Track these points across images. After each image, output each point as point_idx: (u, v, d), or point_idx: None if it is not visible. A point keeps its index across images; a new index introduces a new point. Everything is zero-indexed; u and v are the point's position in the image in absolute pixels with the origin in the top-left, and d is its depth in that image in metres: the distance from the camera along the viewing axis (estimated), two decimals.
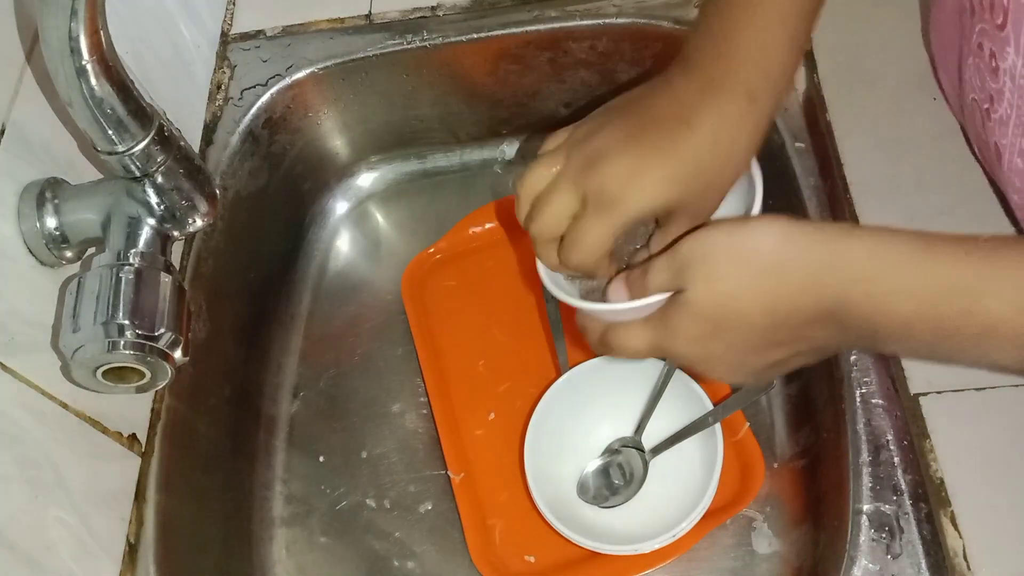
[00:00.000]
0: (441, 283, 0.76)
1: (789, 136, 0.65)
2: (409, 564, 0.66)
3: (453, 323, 0.74)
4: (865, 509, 0.51)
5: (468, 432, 0.69)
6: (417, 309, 0.74)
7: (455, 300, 0.75)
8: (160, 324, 0.47)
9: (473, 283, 0.76)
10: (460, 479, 0.67)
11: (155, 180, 0.49)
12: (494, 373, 0.72)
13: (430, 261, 0.77)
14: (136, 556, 0.54)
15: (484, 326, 0.74)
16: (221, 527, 0.65)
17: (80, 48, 0.42)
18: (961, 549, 0.48)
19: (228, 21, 0.76)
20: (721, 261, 0.37)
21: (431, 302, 0.75)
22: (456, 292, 0.76)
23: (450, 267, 0.77)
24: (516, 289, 0.75)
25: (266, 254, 0.76)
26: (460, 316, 0.75)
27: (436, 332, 0.74)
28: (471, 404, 0.71)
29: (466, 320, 0.74)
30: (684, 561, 0.63)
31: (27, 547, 0.46)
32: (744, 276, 0.37)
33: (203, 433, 0.64)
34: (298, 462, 0.71)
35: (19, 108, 0.50)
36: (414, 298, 0.75)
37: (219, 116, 0.71)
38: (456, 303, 0.75)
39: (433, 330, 0.74)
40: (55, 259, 0.51)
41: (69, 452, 0.50)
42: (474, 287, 0.76)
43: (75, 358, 0.46)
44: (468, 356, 0.73)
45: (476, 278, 0.76)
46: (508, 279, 0.76)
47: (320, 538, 0.68)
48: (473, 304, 0.75)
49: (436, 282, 0.76)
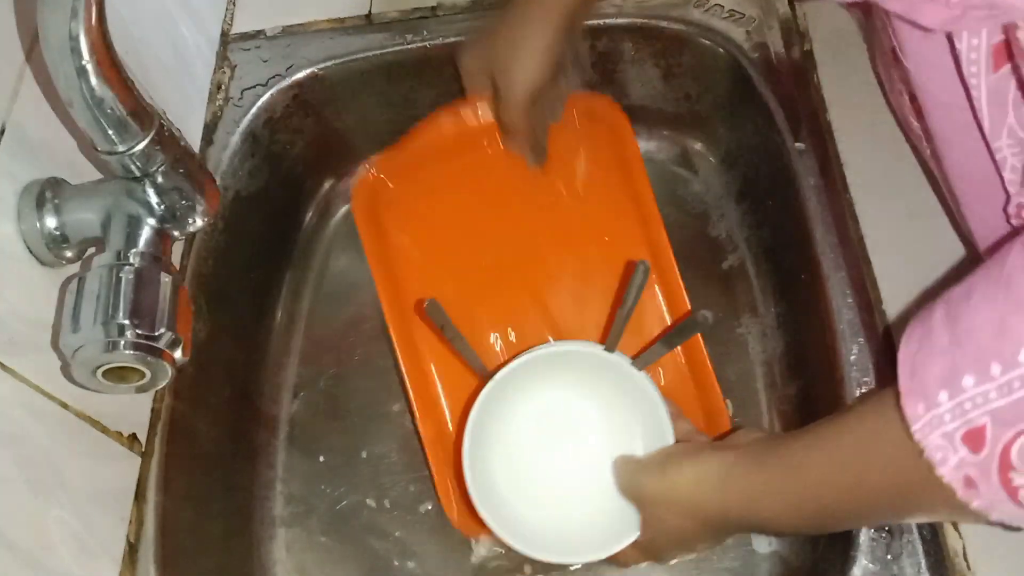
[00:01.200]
0: (400, 197, 0.70)
1: (789, 136, 0.65)
2: (409, 564, 0.66)
3: (414, 241, 0.70)
4: None
5: (433, 369, 0.67)
6: (371, 231, 0.68)
7: (415, 215, 0.70)
8: (160, 324, 0.47)
9: (433, 195, 0.70)
10: (427, 426, 0.64)
11: (155, 180, 0.49)
12: (465, 297, 0.67)
13: (389, 171, 0.70)
14: (136, 556, 0.54)
15: (449, 244, 0.70)
16: (221, 527, 0.65)
17: (80, 48, 0.42)
18: (961, 549, 0.48)
19: (228, 21, 0.76)
20: (664, 507, 0.54)
21: (387, 219, 0.70)
22: (414, 206, 0.70)
23: (408, 178, 0.70)
24: (479, 202, 0.70)
25: (266, 254, 0.76)
26: (422, 231, 0.70)
27: (393, 255, 0.69)
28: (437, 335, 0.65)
29: (429, 237, 0.70)
30: (685, 561, 0.63)
31: (27, 547, 0.46)
32: (677, 517, 0.53)
33: (203, 433, 0.64)
34: (298, 462, 0.71)
35: (19, 108, 0.50)
36: (368, 217, 0.69)
37: (219, 116, 0.71)
38: (416, 218, 0.70)
39: (390, 252, 0.69)
40: (55, 259, 0.51)
41: (69, 452, 0.50)
42: (435, 199, 0.70)
43: (75, 358, 0.46)
44: (434, 279, 0.68)
45: (435, 188, 0.70)
46: (471, 190, 0.71)
47: (320, 538, 0.68)
48: (436, 218, 0.70)
49: (393, 198, 0.70)
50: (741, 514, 0.50)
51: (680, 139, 0.80)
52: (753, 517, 0.50)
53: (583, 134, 0.70)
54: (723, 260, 0.75)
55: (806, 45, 0.68)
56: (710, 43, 0.71)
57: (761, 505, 0.49)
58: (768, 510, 0.48)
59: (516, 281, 0.70)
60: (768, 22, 0.70)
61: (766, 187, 0.71)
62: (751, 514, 0.49)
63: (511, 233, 0.70)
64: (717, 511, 0.51)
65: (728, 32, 0.70)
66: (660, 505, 0.54)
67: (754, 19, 0.71)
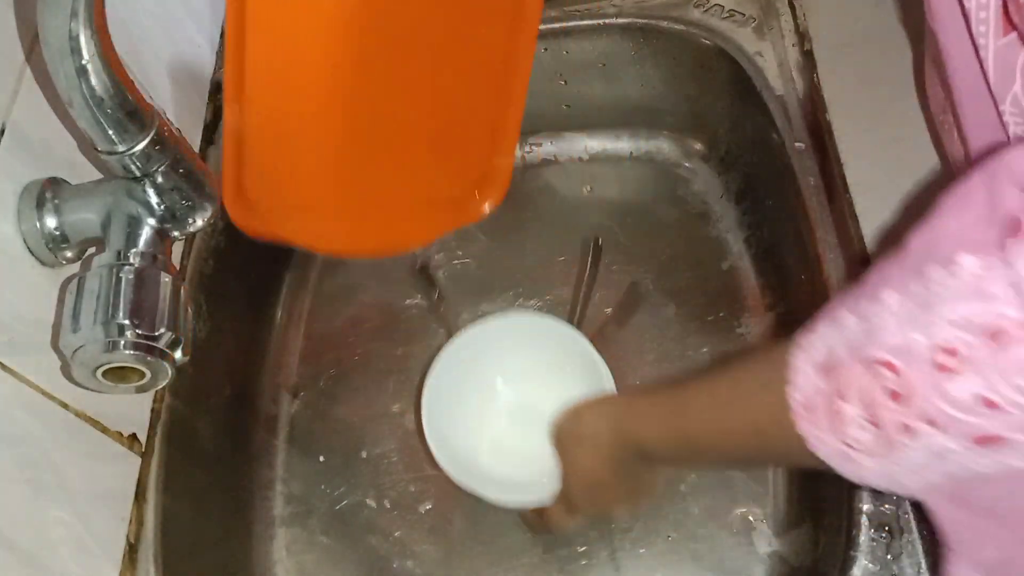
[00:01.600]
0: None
1: (789, 136, 0.65)
2: (409, 564, 0.66)
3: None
4: (865, 509, 0.51)
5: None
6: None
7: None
8: (160, 324, 0.47)
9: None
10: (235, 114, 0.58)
11: (155, 180, 0.49)
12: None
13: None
14: (136, 556, 0.54)
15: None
16: (221, 527, 0.65)
17: (80, 48, 0.42)
18: None
19: None
20: (570, 446, 0.57)
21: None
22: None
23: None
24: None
25: (266, 254, 0.76)
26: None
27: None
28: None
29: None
30: (684, 560, 0.63)
31: (27, 547, 0.46)
32: (583, 452, 0.56)
33: (203, 433, 0.64)
34: (298, 462, 0.71)
35: (19, 108, 0.50)
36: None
37: (219, 116, 0.71)
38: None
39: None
40: (55, 259, 0.51)
41: (69, 452, 0.50)
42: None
43: (75, 358, 0.46)
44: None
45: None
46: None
47: (320, 538, 0.68)
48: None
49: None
50: (634, 442, 0.53)
51: (680, 139, 0.80)
52: (644, 446, 0.52)
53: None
54: (723, 260, 0.75)
55: (806, 45, 0.68)
56: (710, 43, 0.71)
57: (648, 433, 0.52)
58: (654, 438, 0.52)
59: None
60: (768, 22, 0.70)
61: (766, 187, 0.71)
62: (642, 442, 0.52)
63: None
64: (614, 441, 0.54)
65: (728, 32, 0.70)
66: (570, 444, 0.57)
67: (754, 19, 0.71)
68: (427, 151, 0.67)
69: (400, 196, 0.67)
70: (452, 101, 0.66)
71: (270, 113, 0.61)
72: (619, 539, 0.65)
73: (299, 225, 0.64)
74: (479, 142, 0.68)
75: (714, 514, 0.64)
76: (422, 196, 0.68)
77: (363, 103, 0.63)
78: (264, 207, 0.62)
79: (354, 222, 0.67)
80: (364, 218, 0.67)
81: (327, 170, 0.64)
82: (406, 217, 0.68)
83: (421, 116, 0.66)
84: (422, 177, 0.67)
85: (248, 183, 0.62)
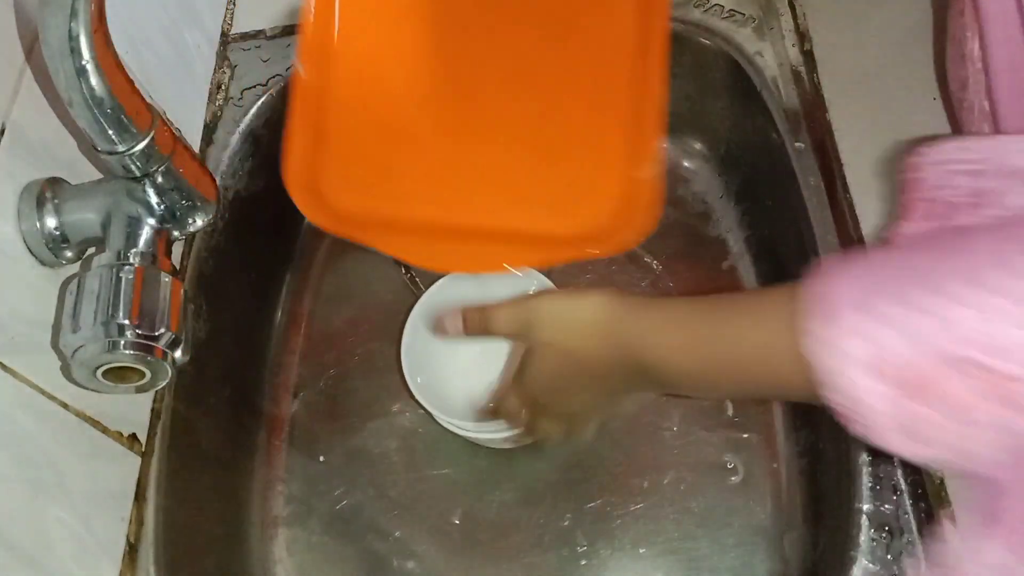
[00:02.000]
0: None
1: (789, 136, 0.65)
2: (409, 564, 0.66)
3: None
4: (865, 509, 0.51)
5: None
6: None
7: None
8: (160, 324, 0.47)
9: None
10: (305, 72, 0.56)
11: (155, 180, 0.49)
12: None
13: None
14: (136, 556, 0.54)
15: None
16: (221, 527, 0.65)
17: (80, 48, 0.42)
18: None
19: (228, 21, 0.76)
20: (559, 327, 0.50)
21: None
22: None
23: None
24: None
25: (266, 254, 0.76)
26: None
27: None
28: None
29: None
30: (684, 560, 0.63)
31: (27, 547, 0.46)
32: (571, 337, 0.50)
33: (203, 433, 0.64)
34: (298, 462, 0.71)
35: (19, 108, 0.50)
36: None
37: (219, 116, 0.71)
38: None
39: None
40: (55, 259, 0.51)
41: (69, 452, 0.50)
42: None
43: (75, 358, 0.46)
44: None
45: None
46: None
47: (320, 538, 0.68)
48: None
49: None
50: (636, 354, 0.47)
51: (680, 139, 0.80)
52: (646, 361, 0.47)
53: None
54: (723, 260, 0.75)
55: (806, 45, 0.68)
56: (710, 43, 0.71)
57: (658, 351, 0.47)
58: (663, 358, 0.46)
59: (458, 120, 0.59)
60: (768, 22, 0.70)
61: (766, 187, 0.71)
62: (645, 357, 0.47)
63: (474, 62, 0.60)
64: (613, 343, 0.48)
65: (728, 32, 0.70)
66: (555, 329, 0.50)
67: (754, 19, 0.71)
68: (544, 160, 0.59)
69: (512, 212, 0.59)
70: (574, 98, 0.59)
71: (358, 103, 0.57)
72: (619, 539, 0.65)
73: (390, 238, 0.57)
74: (609, 150, 0.58)
75: (714, 514, 0.64)
76: (539, 214, 0.58)
77: (471, 104, 0.59)
78: (345, 207, 0.57)
79: (456, 243, 0.58)
80: (469, 238, 0.58)
81: (426, 180, 0.58)
82: (519, 241, 0.58)
83: (538, 117, 0.59)
84: (540, 192, 0.59)
85: (325, 176, 0.57)
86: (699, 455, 0.67)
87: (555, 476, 0.68)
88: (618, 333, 0.48)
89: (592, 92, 0.59)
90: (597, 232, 0.57)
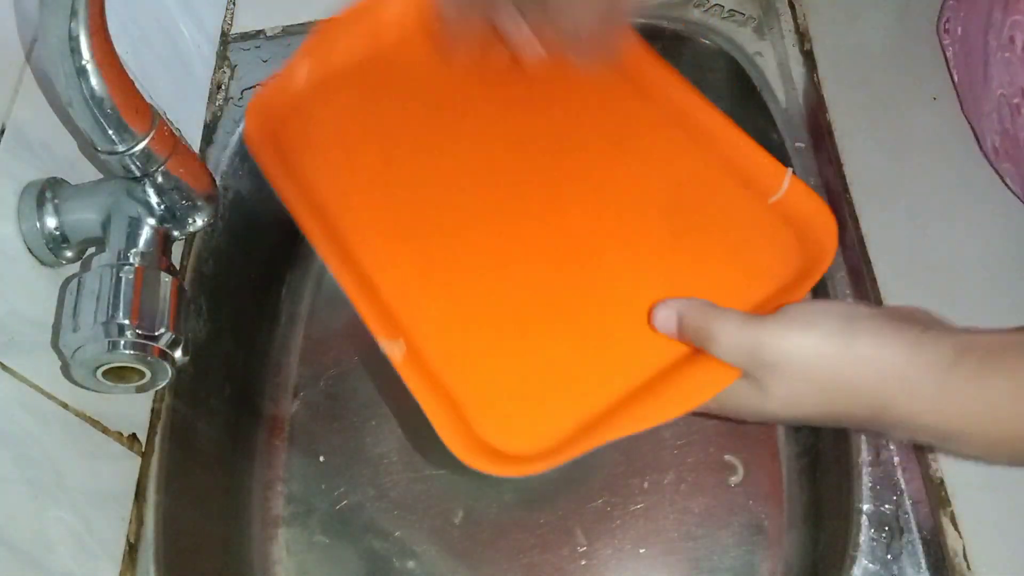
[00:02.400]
0: (309, 118, 0.57)
1: (789, 136, 0.65)
2: (409, 564, 0.66)
3: (334, 165, 0.55)
4: (865, 509, 0.51)
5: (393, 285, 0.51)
6: (274, 157, 0.55)
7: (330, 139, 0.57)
8: (160, 324, 0.47)
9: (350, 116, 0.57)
10: (400, 349, 0.49)
11: (155, 180, 0.49)
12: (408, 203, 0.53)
13: (285, 94, 0.57)
14: (136, 556, 0.54)
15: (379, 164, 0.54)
16: (221, 527, 0.65)
17: (80, 48, 0.42)
18: (961, 549, 0.48)
19: (228, 21, 0.76)
20: (806, 388, 0.41)
21: (295, 143, 0.56)
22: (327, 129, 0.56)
23: (317, 97, 0.58)
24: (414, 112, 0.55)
25: (266, 254, 0.76)
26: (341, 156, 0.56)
27: (311, 182, 0.54)
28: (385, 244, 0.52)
29: (351, 160, 0.55)
30: (684, 560, 0.63)
31: (27, 547, 0.46)
32: (821, 403, 0.41)
33: (203, 433, 0.64)
34: (298, 462, 0.71)
35: (19, 108, 0.50)
36: (268, 143, 0.56)
37: (219, 116, 0.72)
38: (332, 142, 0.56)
39: (306, 180, 0.54)
40: (55, 259, 0.51)
41: (69, 452, 0.50)
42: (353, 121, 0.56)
43: (75, 358, 0.46)
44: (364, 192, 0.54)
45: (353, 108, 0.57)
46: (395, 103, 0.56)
47: (320, 538, 0.68)
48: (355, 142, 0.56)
49: (302, 118, 0.57)
50: (912, 419, 0.38)
51: None
52: (925, 422, 0.38)
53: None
54: None
55: (806, 45, 0.68)
56: (710, 43, 0.71)
57: (978, 424, 0.37)
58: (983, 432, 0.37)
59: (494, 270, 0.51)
60: (768, 22, 0.70)
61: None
62: (929, 420, 0.38)
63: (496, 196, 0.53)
64: (872, 412, 0.39)
65: (728, 32, 0.70)
66: (784, 382, 0.40)
67: (754, 19, 0.71)
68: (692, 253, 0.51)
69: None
70: (655, 192, 0.53)
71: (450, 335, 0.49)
72: (619, 539, 0.65)
73: (579, 444, 0.46)
74: (735, 198, 0.52)
75: (714, 514, 0.64)
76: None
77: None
78: (515, 452, 0.47)
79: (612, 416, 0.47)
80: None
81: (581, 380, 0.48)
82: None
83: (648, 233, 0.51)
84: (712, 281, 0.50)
85: (478, 425, 0.48)
86: (699, 455, 0.66)
87: (555, 476, 0.67)
88: (908, 409, 0.38)
89: (673, 164, 0.54)
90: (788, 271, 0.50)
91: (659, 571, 0.63)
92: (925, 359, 0.38)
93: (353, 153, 0.56)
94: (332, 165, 0.55)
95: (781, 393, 0.41)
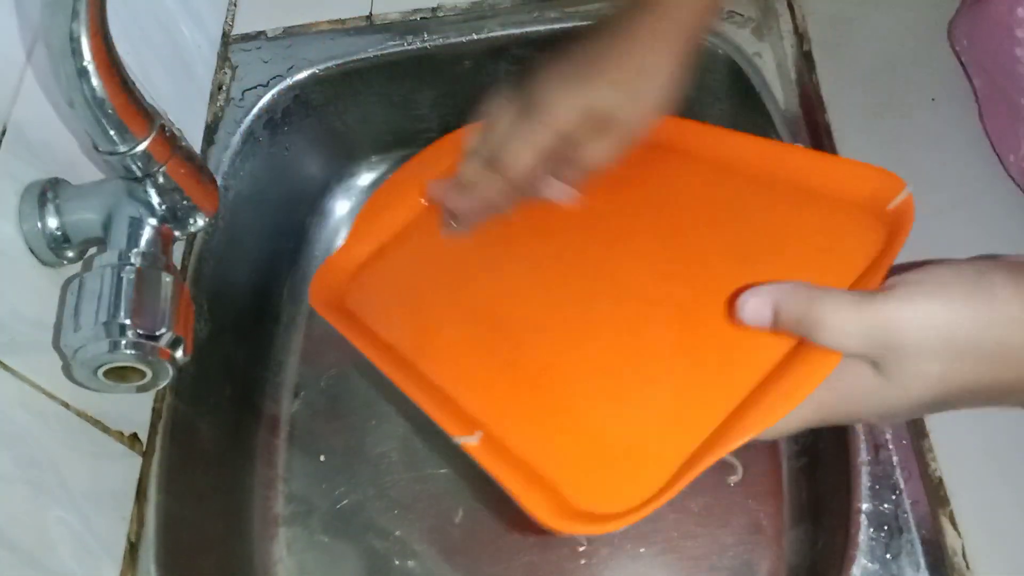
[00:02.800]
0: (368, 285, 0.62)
1: (789, 136, 0.65)
2: (409, 563, 0.66)
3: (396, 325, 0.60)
4: (864, 508, 0.51)
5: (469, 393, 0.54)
6: (344, 320, 0.60)
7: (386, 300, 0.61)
8: (161, 324, 0.47)
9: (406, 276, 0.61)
10: (478, 439, 0.51)
11: (156, 180, 0.49)
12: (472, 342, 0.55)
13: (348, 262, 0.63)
14: (137, 555, 0.54)
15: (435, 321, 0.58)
16: (222, 526, 0.65)
17: (81, 49, 0.42)
18: (960, 549, 0.48)
19: (229, 22, 0.76)
20: (928, 352, 0.35)
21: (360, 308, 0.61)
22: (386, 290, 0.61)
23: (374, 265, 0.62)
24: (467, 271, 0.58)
25: (267, 254, 0.76)
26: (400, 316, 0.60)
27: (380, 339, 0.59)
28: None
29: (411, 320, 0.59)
30: (684, 560, 0.63)
31: (28, 547, 0.46)
32: (945, 365, 0.36)
33: (204, 432, 0.64)
34: (299, 461, 0.71)
35: (19, 108, 0.50)
36: (334, 308, 0.61)
37: (220, 116, 0.72)
38: (388, 303, 0.61)
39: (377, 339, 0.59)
40: (56, 259, 0.51)
41: (70, 452, 0.50)
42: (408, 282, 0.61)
43: (76, 357, 0.46)
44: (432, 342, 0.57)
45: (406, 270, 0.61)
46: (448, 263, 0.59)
47: (321, 537, 0.68)
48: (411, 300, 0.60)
49: (362, 285, 0.62)
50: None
51: None
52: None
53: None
54: None
55: (805, 46, 0.68)
56: (710, 43, 0.71)
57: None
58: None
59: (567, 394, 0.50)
60: (767, 23, 0.70)
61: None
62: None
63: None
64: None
65: (727, 32, 0.71)
66: (923, 359, 0.35)
67: (753, 19, 0.71)
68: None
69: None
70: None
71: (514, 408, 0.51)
72: (619, 538, 0.65)
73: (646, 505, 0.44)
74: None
75: (713, 513, 0.65)
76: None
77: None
78: (601, 511, 0.46)
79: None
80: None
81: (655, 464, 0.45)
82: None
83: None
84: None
85: (570, 494, 0.48)
86: None
87: None
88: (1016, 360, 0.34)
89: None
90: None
91: (658, 570, 0.63)
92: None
93: (417, 303, 0.60)
94: (400, 316, 0.60)
95: (908, 375, 0.36)
